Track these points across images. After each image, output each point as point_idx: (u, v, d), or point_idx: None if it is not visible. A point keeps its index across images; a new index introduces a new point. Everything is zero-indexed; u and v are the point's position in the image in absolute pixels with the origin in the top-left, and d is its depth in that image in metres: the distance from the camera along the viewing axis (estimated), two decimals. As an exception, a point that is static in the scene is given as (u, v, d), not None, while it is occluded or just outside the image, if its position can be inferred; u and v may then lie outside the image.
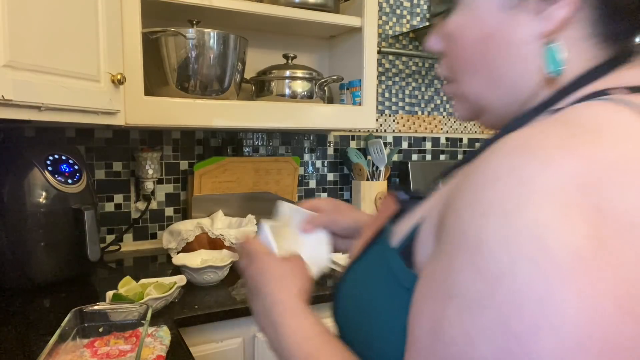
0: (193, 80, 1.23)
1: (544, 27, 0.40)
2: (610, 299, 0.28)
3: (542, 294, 0.28)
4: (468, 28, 0.44)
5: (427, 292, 0.36)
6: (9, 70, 0.75)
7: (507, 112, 0.45)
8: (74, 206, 1.09)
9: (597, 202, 0.29)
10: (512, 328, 0.29)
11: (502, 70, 0.43)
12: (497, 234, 0.30)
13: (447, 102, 2.04)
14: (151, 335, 0.81)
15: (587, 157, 0.31)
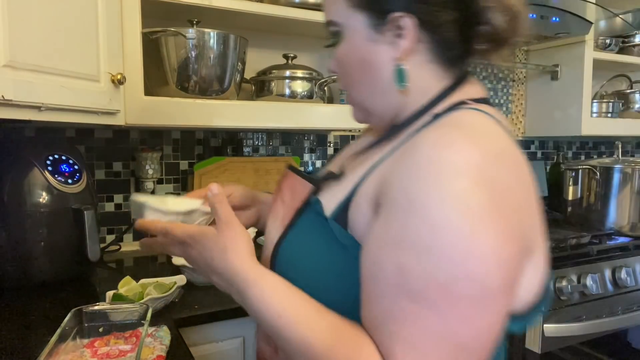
0: (193, 80, 1.23)
1: (395, 53, 0.57)
2: (506, 244, 0.46)
3: (466, 233, 0.45)
4: (348, 55, 0.61)
5: (384, 245, 0.49)
6: (9, 70, 0.75)
7: (387, 115, 0.62)
8: (74, 206, 1.08)
9: (488, 179, 0.47)
10: (452, 260, 0.45)
11: (374, 84, 0.60)
12: (435, 200, 0.46)
13: (447, 102, 2.04)
14: (151, 335, 0.81)
15: (482, 147, 0.49)
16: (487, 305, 0.46)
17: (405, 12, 0.56)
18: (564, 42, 2.00)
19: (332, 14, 0.61)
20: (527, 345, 1.38)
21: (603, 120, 2.07)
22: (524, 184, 0.51)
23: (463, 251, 0.45)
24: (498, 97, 2.17)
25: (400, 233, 0.47)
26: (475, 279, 0.45)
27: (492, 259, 0.45)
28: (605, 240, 1.60)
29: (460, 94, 0.59)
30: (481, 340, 0.46)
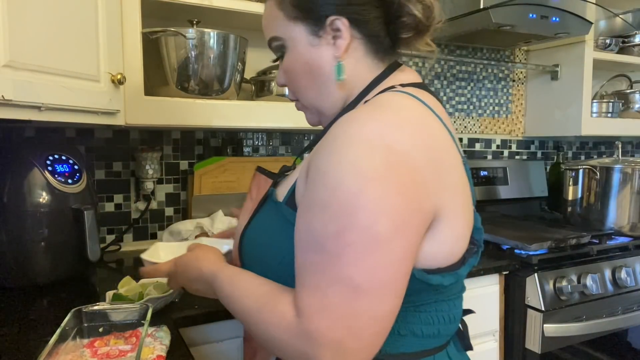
0: (193, 80, 1.23)
1: (336, 52, 0.66)
2: (396, 197, 0.53)
3: (355, 190, 0.52)
4: (294, 63, 0.69)
5: (301, 212, 0.58)
6: (9, 70, 0.75)
7: (335, 110, 0.70)
8: (74, 206, 1.08)
9: (388, 143, 0.54)
10: (342, 213, 0.53)
11: (322, 82, 0.68)
12: (333, 165, 0.54)
13: (447, 102, 2.04)
14: (151, 335, 0.81)
15: (384, 119, 0.57)
16: (378, 249, 0.52)
17: (338, 14, 0.65)
18: (564, 42, 2.00)
19: (273, 31, 0.69)
20: (527, 345, 1.38)
21: (603, 120, 2.07)
22: (429, 151, 0.58)
23: (351, 205, 0.52)
24: (498, 97, 2.17)
25: (309, 197, 0.57)
26: (363, 227, 0.52)
27: (379, 209, 0.52)
28: (605, 240, 1.60)
29: (391, 80, 0.67)
30: (375, 281, 0.52)
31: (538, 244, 1.42)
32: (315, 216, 0.55)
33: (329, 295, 0.52)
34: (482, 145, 2.15)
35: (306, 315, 0.53)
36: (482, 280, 1.36)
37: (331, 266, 0.53)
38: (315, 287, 0.53)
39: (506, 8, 1.60)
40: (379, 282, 0.53)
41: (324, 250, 0.53)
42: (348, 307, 0.52)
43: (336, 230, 0.52)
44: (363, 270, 0.52)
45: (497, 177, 2.01)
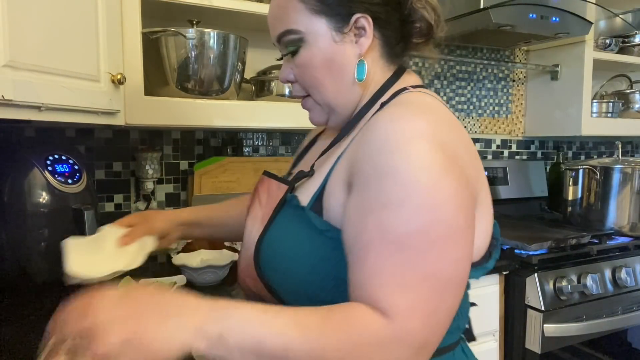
0: (193, 80, 1.23)
1: (359, 50, 0.66)
2: (464, 191, 0.56)
3: (431, 186, 0.53)
4: (314, 58, 0.66)
5: (362, 213, 0.55)
6: (9, 70, 0.75)
7: (350, 110, 0.69)
8: (74, 206, 1.08)
9: (440, 142, 0.56)
10: (424, 208, 0.53)
11: (341, 80, 0.67)
12: (401, 163, 0.54)
13: (447, 102, 2.04)
14: (151, 335, 0.81)
15: (427, 117, 0.58)
16: (458, 241, 0.54)
17: (365, 12, 0.64)
18: (564, 42, 2.00)
19: (291, 24, 0.66)
20: (527, 345, 1.38)
21: (603, 120, 2.07)
22: (466, 145, 0.61)
23: (432, 200, 0.53)
24: (498, 97, 2.17)
25: (375, 197, 0.55)
26: (445, 221, 0.53)
27: (455, 203, 0.54)
28: (605, 240, 1.60)
29: (401, 82, 0.69)
30: (459, 271, 0.55)
31: (538, 244, 1.42)
32: (390, 215, 0.53)
33: (422, 293, 0.52)
34: (482, 145, 2.15)
35: (400, 316, 0.51)
36: (482, 280, 1.36)
37: (420, 262, 0.52)
38: (403, 286, 0.52)
39: (506, 8, 1.60)
40: (463, 272, 0.55)
41: (409, 246, 0.52)
42: (438, 302, 0.53)
43: (421, 226, 0.52)
44: (451, 263, 0.53)
45: (497, 177, 2.01)
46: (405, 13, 0.68)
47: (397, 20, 0.68)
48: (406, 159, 0.54)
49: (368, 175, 0.56)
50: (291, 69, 0.70)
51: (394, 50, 0.69)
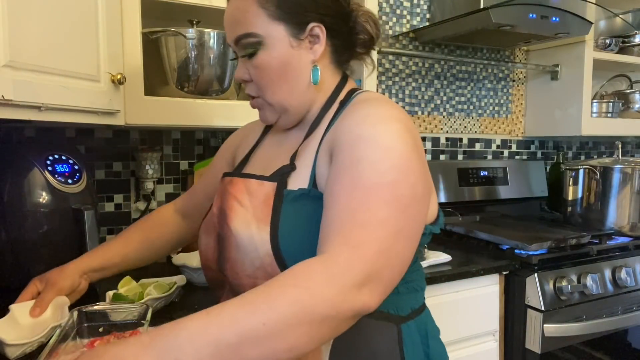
0: (193, 80, 1.23)
1: (313, 57, 0.73)
2: (424, 168, 0.66)
3: (407, 155, 0.63)
4: (271, 60, 0.71)
5: (338, 172, 0.63)
6: (9, 70, 0.75)
7: (303, 110, 0.76)
8: (74, 206, 1.08)
9: (410, 127, 0.66)
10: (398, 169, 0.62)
11: (295, 82, 0.73)
12: (380, 132, 0.63)
13: (447, 102, 2.04)
14: (151, 335, 0.81)
15: (399, 109, 0.69)
16: (416, 205, 0.63)
17: (319, 22, 0.71)
18: (564, 42, 2.00)
19: (250, 27, 0.70)
20: (527, 345, 1.38)
21: (603, 120, 2.07)
22: (419, 138, 0.70)
23: (405, 165, 0.62)
24: (498, 97, 2.17)
25: (350, 155, 0.63)
26: (412, 185, 0.62)
27: (420, 174, 0.64)
28: (605, 240, 1.60)
29: (349, 86, 0.78)
30: (411, 229, 0.62)
31: (538, 244, 1.42)
32: (365, 168, 0.61)
33: (377, 231, 0.58)
34: (482, 145, 2.15)
35: (352, 245, 0.57)
36: (482, 280, 1.36)
37: (382, 209, 0.59)
38: (363, 224, 0.58)
39: (506, 8, 1.60)
40: (414, 232, 0.62)
41: (375, 196, 0.60)
42: (391, 245, 0.58)
43: (391, 181, 0.60)
44: (406, 219, 0.61)
45: (497, 177, 2.01)
46: (350, 25, 0.76)
47: (345, 31, 0.75)
48: (384, 131, 0.63)
49: (347, 141, 0.64)
50: (247, 69, 0.74)
51: (341, 58, 0.77)
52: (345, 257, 0.56)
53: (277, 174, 0.72)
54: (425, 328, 0.76)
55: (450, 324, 1.31)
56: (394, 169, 0.61)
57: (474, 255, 1.45)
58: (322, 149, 0.70)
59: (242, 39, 0.72)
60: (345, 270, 0.55)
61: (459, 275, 1.29)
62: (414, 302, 0.76)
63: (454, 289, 1.31)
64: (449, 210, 1.85)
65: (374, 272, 0.56)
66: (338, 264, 0.55)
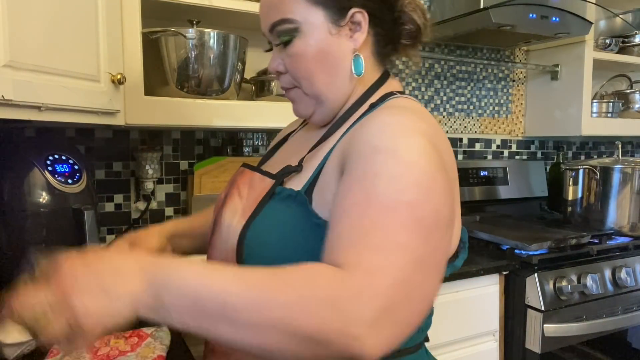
0: (193, 80, 1.23)
1: (353, 45, 0.66)
2: (450, 193, 0.57)
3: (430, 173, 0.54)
4: (309, 48, 0.65)
5: (352, 180, 0.55)
6: (9, 70, 0.75)
7: (339, 104, 0.69)
8: (74, 206, 1.08)
9: (434, 142, 0.57)
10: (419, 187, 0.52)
11: (333, 73, 0.67)
12: (401, 145, 0.55)
13: (447, 102, 2.04)
14: (151, 335, 0.81)
15: (427, 122, 0.60)
16: (440, 232, 0.53)
17: (362, 7, 0.65)
18: (564, 42, 2.00)
19: (287, 13, 0.66)
20: (527, 345, 1.38)
21: (603, 120, 2.07)
22: (450, 157, 0.63)
23: (428, 184, 0.53)
24: (498, 97, 2.17)
25: (366, 168, 0.54)
26: (435, 207, 0.52)
27: (445, 197, 0.54)
28: (605, 240, 1.60)
29: (388, 86, 0.70)
30: (434, 259, 0.52)
31: (538, 244, 1.42)
32: (381, 183, 0.52)
33: (394, 260, 0.48)
34: (482, 145, 2.15)
35: (364, 270, 0.47)
36: (482, 280, 1.36)
37: (401, 232, 0.50)
38: (377, 247, 0.49)
39: (506, 8, 1.60)
40: (437, 263, 0.53)
41: (393, 215, 0.50)
42: (409, 275, 0.48)
43: (412, 200, 0.51)
44: (427, 246, 0.51)
45: (497, 177, 2.01)
46: (396, 14, 0.70)
47: (389, 20, 0.69)
48: (406, 143, 0.55)
49: (362, 152, 0.56)
50: (282, 60, 0.69)
51: (384, 50, 0.71)
52: (358, 281, 0.46)
53: (281, 172, 0.69)
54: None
55: (450, 324, 1.31)
56: (416, 187, 0.52)
57: (474, 255, 1.45)
58: (333, 154, 0.63)
59: (278, 25, 0.67)
60: (355, 297, 0.45)
61: (459, 275, 1.29)
62: (414, 339, 0.67)
63: (454, 289, 1.31)
64: (449, 210, 1.85)
65: (390, 306, 0.46)
66: (346, 286, 0.46)
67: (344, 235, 0.51)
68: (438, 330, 1.29)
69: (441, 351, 1.31)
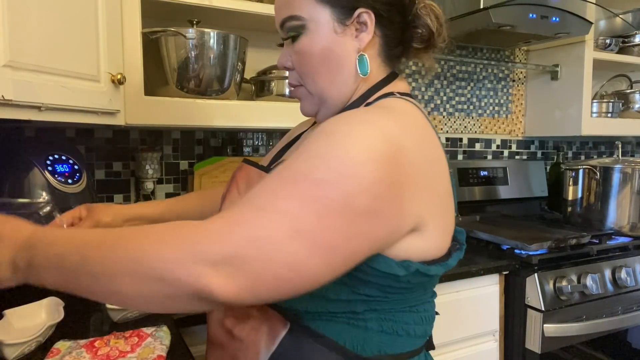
0: (193, 80, 1.23)
1: (358, 45, 0.67)
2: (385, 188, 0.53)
3: (358, 161, 0.53)
4: (314, 45, 0.67)
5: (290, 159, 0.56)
6: (9, 70, 0.75)
7: (342, 102, 0.69)
8: (74, 206, 1.08)
9: (399, 143, 0.56)
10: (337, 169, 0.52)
11: (337, 71, 0.67)
12: (342, 131, 0.55)
13: (447, 102, 2.04)
14: (151, 335, 0.81)
15: (396, 119, 0.59)
16: (345, 216, 0.51)
17: (369, 8, 0.66)
18: (564, 42, 2.00)
19: (295, 10, 0.67)
20: (527, 345, 1.38)
21: (603, 120, 2.07)
22: (429, 156, 0.61)
23: (347, 169, 0.52)
24: (498, 97, 2.17)
25: (302, 148, 0.56)
26: (345, 192, 0.51)
27: (366, 188, 0.52)
28: (605, 240, 1.60)
29: (391, 87, 0.70)
30: (329, 239, 0.51)
31: (538, 244, 1.42)
32: (302, 160, 0.54)
33: (265, 218, 0.49)
34: (482, 145, 2.15)
35: (228, 219, 0.50)
36: (482, 280, 1.36)
37: (289, 200, 0.51)
38: (258, 207, 0.51)
39: (506, 8, 1.60)
40: (330, 244, 0.51)
41: (295, 185, 0.52)
42: (278, 239, 0.49)
43: (319, 179, 0.51)
44: (318, 224, 0.50)
45: (497, 177, 2.01)
46: (409, 17, 0.69)
47: (399, 22, 0.69)
48: (347, 130, 0.55)
49: (312, 136, 0.58)
50: (290, 56, 0.70)
51: (392, 52, 0.70)
52: (217, 227, 0.49)
53: (276, 166, 0.70)
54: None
55: (450, 324, 1.31)
56: (330, 169, 0.52)
57: (474, 255, 1.45)
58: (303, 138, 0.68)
59: (287, 21, 0.68)
60: (206, 238, 0.48)
61: (459, 275, 1.29)
62: (388, 346, 0.63)
63: (454, 289, 1.31)
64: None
65: (238, 257, 0.47)
66: (202, 229, 0.49)
67: (246, 197, 0.54)
68: (438, 330, 1.29)
69: (441, 351, 1.31)
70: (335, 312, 0.61)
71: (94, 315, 0.95)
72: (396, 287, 0.61)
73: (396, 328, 0.64)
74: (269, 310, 0.63)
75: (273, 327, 0.63)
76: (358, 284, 0.59)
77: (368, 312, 0.62)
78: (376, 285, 0.60)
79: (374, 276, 0.58)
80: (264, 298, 0.50)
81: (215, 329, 0.70)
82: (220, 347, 0.70)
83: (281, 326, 0.62)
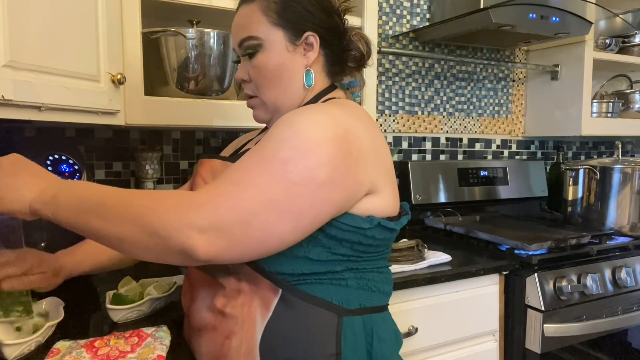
0: (193, 80, 1.23)
1: (306, 61, 0.80)
2: (341, 161, 0.66)
3: (316, 140, 0.65)
4: (269, 61, 0.79)
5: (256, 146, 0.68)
6: (9, 70, 0.75)
7: (291, 110, 0.76)
8: (74, 206, 1.08)
9: (348, 126, 0.69)
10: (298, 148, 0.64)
11: (289, 83, 0.80)
12: (301, 119, 0.67)
13: (447, 102, 2.04)
14: (151, 335, 0.81)
15: (344, 110, 0.72)
16: (309, 187, 0.63)
17: (314, 31, 0.79)
18: (564, 42, 2.00)
19: (253, 31, 0.79)
20: (527, 345, 1.38)
21: (603, 120, 2.07)
22: (373, 139, 0.73)
23: (308, 148, 0.64)
24: (498, 97, 2.17)
25: (267, 136, 0.67)
26: (308, 166, 0.63)
27: (326, 162, 0.64)
28: (605, 240, 1.60)
29: (332, 94, 0.83)
30: (296, 206, 0.63)
31: (538, 244, 1.42)
32: (269, 144, 0.66)
33: (245, 192, 0.61)
34: (482, 145, 2.15)
35: (212, 192, 0.62)
36: (482, 280, 1.36)
37: (261, 175, 0.63)
38: (236, 181, 0.63)
39: (506, 8, 1.60)
40: (297, 211, 0.63)
41: (264, 163, 0.64)
42: (255, 208, 0.61)
43: (285, 157, 0.63)
44: (285, 194, 0.62)
45: (497, 177, 2.01)
46: (344, 42, 0.84)
47: (338, 45, 0.83)
48: (306, 119, 0.67)
49: (273, 127, 0.69)
50: (247, 70, 0.81)
51: (333, 68, 0.84)
52: (203, 199, 0.61)
53: (238, 155, 0.80)
54: (372, 327, 0.75)
55: (450, 324, 1.31)
56: (293, 148, 0.64)
57: (474, 255, 1.45)
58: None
59: (245, 41, 0.80)
60: (195, 207, 0.60)
61: (459, 275, 1.29)
62: (366, 300, 0.76)
63: (454, 289, 1.31)
64: (449, 210, 1.85)
65: (221, 224, 0.60)
66: (192, 200, 0.61)
67: (221, 177, 0.65)
68: (438, 330, 1.29)
69: (441, 351, 1.31)
70: (318, 273, 0.71)
71: (94, 315, 0.96)
72: (364, 245, 0.72)
73: (370, 285, 0.76)
74: (260, 281, 0.71)
75: (265, 296, 0.71)
76: (334, 245, 0.70)
77: (346, 271, 0.73)
78: (349, 244, 0.71)
79: (346, 232, 0.70)
80: (241, 257, 0.63)
81: (203, 314, 0.77)
82: (212, 329, 0.75)
83: (272, 294, 0.71)
